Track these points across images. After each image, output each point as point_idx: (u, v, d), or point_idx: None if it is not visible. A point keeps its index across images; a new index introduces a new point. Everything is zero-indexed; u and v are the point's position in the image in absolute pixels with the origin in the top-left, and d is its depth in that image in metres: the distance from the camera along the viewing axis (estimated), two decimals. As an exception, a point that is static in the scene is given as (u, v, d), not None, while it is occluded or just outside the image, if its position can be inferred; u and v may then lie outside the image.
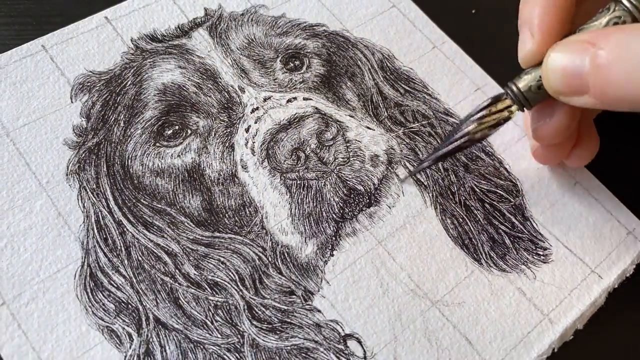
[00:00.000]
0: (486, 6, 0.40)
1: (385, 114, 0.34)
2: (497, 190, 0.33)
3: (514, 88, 0.27)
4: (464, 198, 0.32)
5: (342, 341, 0.28)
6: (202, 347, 0.27)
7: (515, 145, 0.34)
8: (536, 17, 0.27)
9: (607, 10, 0.25)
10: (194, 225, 0.30)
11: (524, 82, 0.27)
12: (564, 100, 0.26)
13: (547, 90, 0.26)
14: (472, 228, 0.31)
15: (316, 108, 0.33)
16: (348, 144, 0.32)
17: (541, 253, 0.31)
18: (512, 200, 0.33)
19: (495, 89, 0.36)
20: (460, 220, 0.32)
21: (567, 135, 0.30)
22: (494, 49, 0.38)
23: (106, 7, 0.35)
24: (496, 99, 0.28)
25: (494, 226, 0.32)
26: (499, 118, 0.28)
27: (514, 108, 0.28)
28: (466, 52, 0.37)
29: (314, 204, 0.30)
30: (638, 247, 0.32)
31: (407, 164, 0.33)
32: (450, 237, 0.31)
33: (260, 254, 0.29)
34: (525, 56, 0.27)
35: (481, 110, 0.28)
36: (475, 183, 0.33)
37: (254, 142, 0.32)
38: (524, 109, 0.28)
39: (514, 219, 0.32)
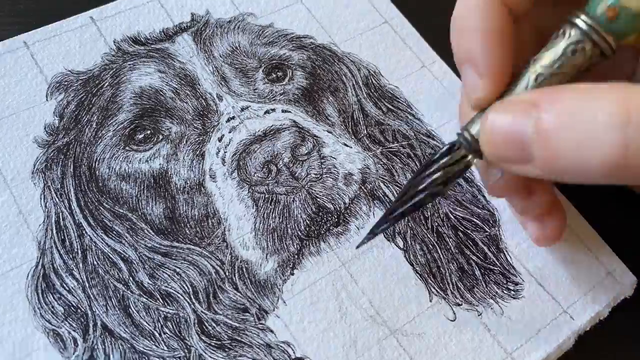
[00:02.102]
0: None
1: (365, 131, 0.34)
2: (473, 219, 0.32)
3: (467, 135, 0.24)
4: (436, 224, 0.31)
5: (291, 364, 0.27)
6: (146, 358, 0.26)
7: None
8: (479, 54, 0.23)
9: (562, 36, 0.23)
10: (153, 233, 0.29)
11: (477, 126, 0.24)
12: (504, 167, 0.23)
13: (485, 154, 0.23)
14: (441, 256, 0.30)
15: (294, 121, 0.32)
16: (322, 160, 0.31)
17: (512, 288, 0.30)
18: (488, 230, 0.31)
19: (483, 113, 0.35)
20: (430, 247, 0.30)
21: (522, 192, 0.27)
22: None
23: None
24: (449, 150, 0.25)
25: (465, 256, 0.30)
26: (453, 171, 0.25)
27: (470, 158, 0.24)
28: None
29: (280, 220, 0.30)
30: (616, 290, 0.30)
31: (382, 185, 0.32)
32: (417, 265, 0.30)
33: (218, 268, 0.29)
34: (478, 102, 0.24)
35: (432, 163, 0.25)
36: (451, 209, 0.32)
37: (225, 152, 0.31)
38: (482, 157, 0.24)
39: (487, 250, 0.31)
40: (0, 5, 0.35)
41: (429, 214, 0.31)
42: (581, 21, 0.22)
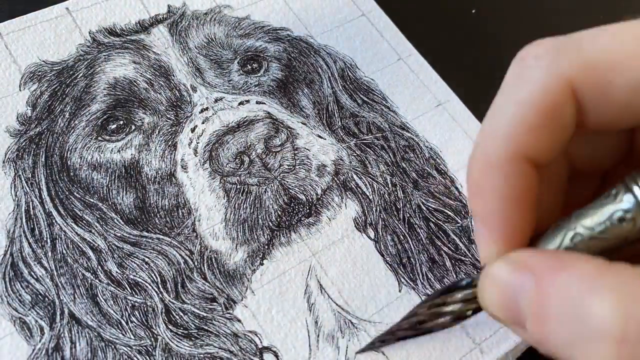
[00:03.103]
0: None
1: (339, 123, 0.34)
2: (445, 210, 0.32)
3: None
4: (408, 215, 0.31)
5: (258, 353, 0.27)
6: (113, 346, 0.26)
7: (470, 165, 0.33)
8: (496, 221, 0.21)
9: (612, 197, 0.19)
10: (123, 223, 0.29)
11: None
12: (499, 322, 0.21)
13: (484, 309, 0.21)
14: (412, 247, 0.30)
15: (268, 113, 0.32)
16: (296, 152, 0.31)
17: (482, 279, 0.30)
18: (459, 221, 0.31)
19: (459, 105, 0.35)
20: (402, 237, 0.30)
21: None
22: (460, 63, 0.37)
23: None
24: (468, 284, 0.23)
25: (436, 247, 0.30)
26: (471, 307, 0.23)
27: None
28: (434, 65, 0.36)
29: (251, 210, 0.30)
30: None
31: (355, 176, 0.32)
32: (388, 255, 0.30)
33: (187, 257, 0.29)
34: (487, 261, 0.21)
35: (452, 290, 0.24)
36: (423, 201, 0.32)
37: (198, 143, 0.31)
38: None
39: (458, 241, 0.31)
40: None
41: (401, 205, 0.31)
42: (638, 188, 0.18)
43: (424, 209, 0.32)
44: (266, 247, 0.29)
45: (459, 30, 0.39)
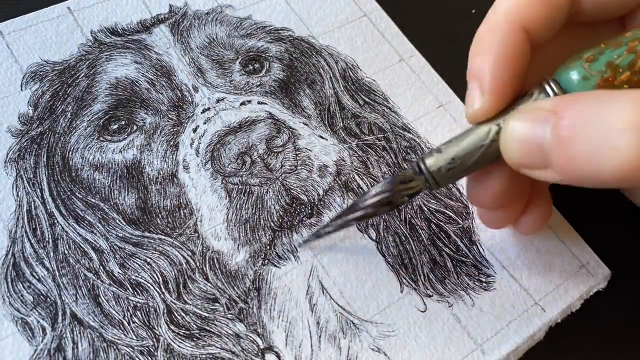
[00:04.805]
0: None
1: (341, 124, 0.34)
2: (446, 211, 0.32)
3: (422, 166, 0.25)
4: (410, 216, 0.31)
5: (260, 354, 0.27)
6: (115, 347, 0.26)
7: (471, 165, 0.33)
8: (488, 74, 0.24)
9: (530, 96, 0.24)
10: (125, 223, 0.29)
11: (433, 160, 0.25)
12: (526, 172, 0.23)
13: (507, 161, 0.23)
14: (414, 248, 0.30)
15: (270, 113, 0.32)
16: (297, 152, 0.31)
17: (484, 280, 0.30)
18: (461, 222, 0.31)
19: (460, 106, 0.35)
20: (403, 238, 0.30)
21: (506, 201, 0.27)
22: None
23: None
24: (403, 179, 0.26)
25: (438, 248, 0.31)
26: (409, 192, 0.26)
27: (416, 185, 0.26)
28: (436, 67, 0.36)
29: (253, 211, 0.30)
30: (589, 283, 0.30)
31: (356, 177, 0.32)
32: (389, 256, 0.30)
33: (189, 258, 0.29)
34: (473, 115, 0.25)
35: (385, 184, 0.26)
36: (424, 202, 0.32)
37: (199, 143, 0.31)
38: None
39: (459, 242, 0.31)
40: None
41: (402, 206, 0.31)
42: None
43: (425, 209, 0.32)
44: (268, 247, 0.29)
45: (459, 30, 0.39)
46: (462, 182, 0.32)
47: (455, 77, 0.36)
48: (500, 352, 0.28)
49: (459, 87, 0.36)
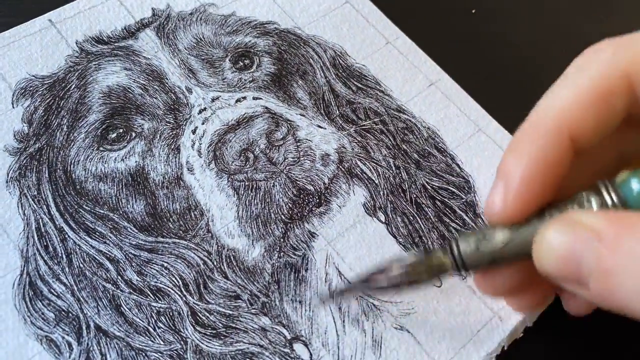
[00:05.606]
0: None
1: (337, 112, 0.34)
2: (449, 187, 0.32)
3: (455, 249, 0.24)
4: (415, 196, 0.32)
5: (288, 344, 0.27)
6: (144, 354, 0.26)
7: (468, 141, 0.34)
8: (518, 178, 0.22)
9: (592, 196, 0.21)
10: (137, 231, 0.29)
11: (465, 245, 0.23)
12: (558, 284, 0.21)
13: (539, 270, 0.21)
14: (422, 226, 0.31)
15: (266, 107, 0.32)
16: (298, 144, 0.32)
17: (493, 250, 0.31)
18: (464, 196, 0.32)
19: (450, 82, 0.36)
20: (411, 218, 0.31)
21: (513, 293, 0.26)
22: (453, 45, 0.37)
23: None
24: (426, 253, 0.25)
25: (445, 224, 0.31)
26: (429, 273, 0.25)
27: (448, 266, 0.24)
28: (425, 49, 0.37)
29: (262, 206, 0.30)
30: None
31: (359, 162, 0.32)
32: (400, 236, 0.31)
33: (205, 258, 0.29)
34: (490, 219, 0.23)
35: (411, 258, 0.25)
36: (427, 180, 0.32)
37: (200, 144, 0.31)
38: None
39: (465, 216, 0.32)
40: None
41: (406, 186, 0.32)
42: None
43: (429, 187, 0.32)
44: (282, 240, 0.30)
45: (459, 30, 0.40)
46: (462, 157, 0.33)
47: (443, 56, 0.36)
48: (516, 317, 0.29)
49: (447, 64, 0.36)
